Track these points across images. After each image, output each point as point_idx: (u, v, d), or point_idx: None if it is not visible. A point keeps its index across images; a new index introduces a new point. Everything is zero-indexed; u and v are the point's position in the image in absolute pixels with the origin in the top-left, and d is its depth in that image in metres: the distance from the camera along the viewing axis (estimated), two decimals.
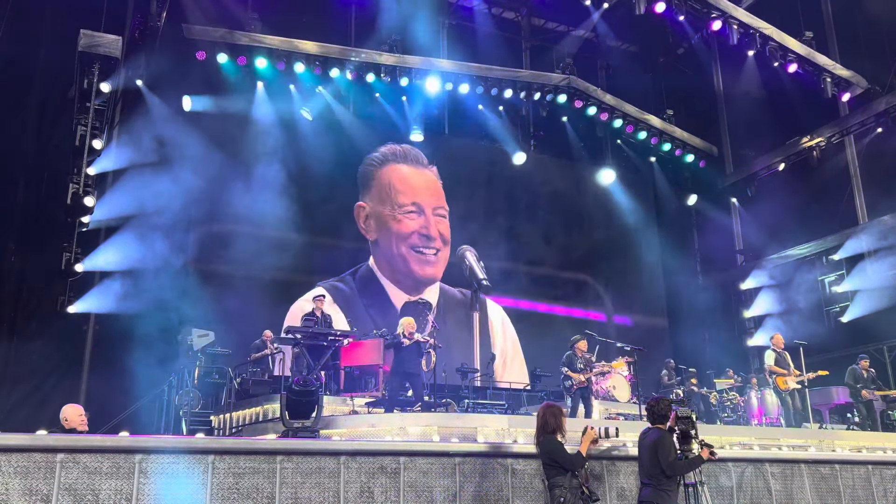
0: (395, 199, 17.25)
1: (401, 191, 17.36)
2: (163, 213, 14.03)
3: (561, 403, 12.62)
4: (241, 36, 15.43)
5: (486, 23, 19.36)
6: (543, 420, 6.67)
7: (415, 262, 17.10)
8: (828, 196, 17.79)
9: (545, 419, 6.67)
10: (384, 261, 17.10)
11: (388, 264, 17.07)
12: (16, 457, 6.01)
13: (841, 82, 17.44)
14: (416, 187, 17.57)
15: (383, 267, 17.08)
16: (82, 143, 12.64)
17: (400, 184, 17.43)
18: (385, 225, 17.13)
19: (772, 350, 13.21)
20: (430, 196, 17.66)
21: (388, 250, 17.09)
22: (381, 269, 17.07)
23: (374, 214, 17.14)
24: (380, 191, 17.29)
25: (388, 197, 17.26)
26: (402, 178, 17.52)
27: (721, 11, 16.33)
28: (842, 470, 9.41)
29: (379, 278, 16.99)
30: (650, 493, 6.35)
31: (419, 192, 17.53)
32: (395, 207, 17.19)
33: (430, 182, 17.83)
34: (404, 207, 17.22)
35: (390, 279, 17.04)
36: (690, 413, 6.72)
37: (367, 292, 16.70)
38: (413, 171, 17.71)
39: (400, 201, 17.25)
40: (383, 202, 17.22)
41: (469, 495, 7.36)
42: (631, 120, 19.35)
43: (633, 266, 20.42)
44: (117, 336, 13.09)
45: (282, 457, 6.84)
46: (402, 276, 17.10)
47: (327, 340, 10.43)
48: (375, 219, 17.13)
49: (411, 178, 17.59)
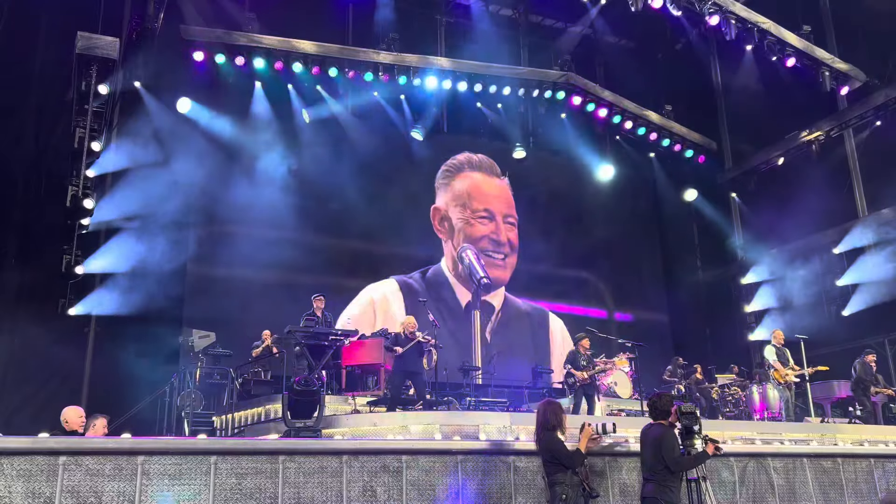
0: (470, 204, 18.30)
1: (475, 197, 18.47)
2: (162, 215, 14.03)
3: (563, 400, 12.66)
4: (239, 36, 15.42)
5: (483, 20, 19.32)
6: (544, 417, 6.67)
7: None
8: (827, 190, 17.77)
9: (545, 416, 6.67)
10: (454, 262, 17.89)
11: (458, 266, 17.89)
12: (18, 460, 6.02)
13: (839, 76, 17.43)
14: (489, 195, 18.65)
15: (454, 268, 17.89)
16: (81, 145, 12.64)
17: (475, 191, 18.53)
18: (458, 228, 18.05)
19: (772, 346, 13.23)
20: (502, 204, 18.73)
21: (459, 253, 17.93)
22: (452, 270, 17.89)
23: (449, 218, 18.09)
24: (455, 196, 18.29)
25: (463, 202, 18.26)
26: (476, 185, 18.64)
27: (718, 6, 16.30)
28: (844, 463, 9.43)
29: (448, 278, 17.83)
30: (653, 488, 6.35)
31: (492, 200, 18.60)
32: (468, 212, 18.17)
33: (503, 191, 18.89)
34: (477, 213, 18.25)
35: (459, 280, 17.86)
36: (694, 409, 6.72)
37: (436, 289, 17.56)
38: (486, 180, 18.77)
39: (474, 207, 18.29)
40: (458, 207, 18.19)
41: (472, 493, 7.37)
42: (630, 116, 19.34)
43: (633, 262, 20.43)
44: (118, 338, 13.09)
45: (284, 457, 6.85)
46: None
47: (328, 340, 10.43)
48: (449, 221, 18.06)
49: (485, 187, 18.72)
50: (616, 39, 20.90)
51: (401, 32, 16.97)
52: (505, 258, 18.36)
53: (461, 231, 18.03)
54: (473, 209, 18.26)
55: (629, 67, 20.21)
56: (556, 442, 6.56)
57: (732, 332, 19.71)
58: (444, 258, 17.92)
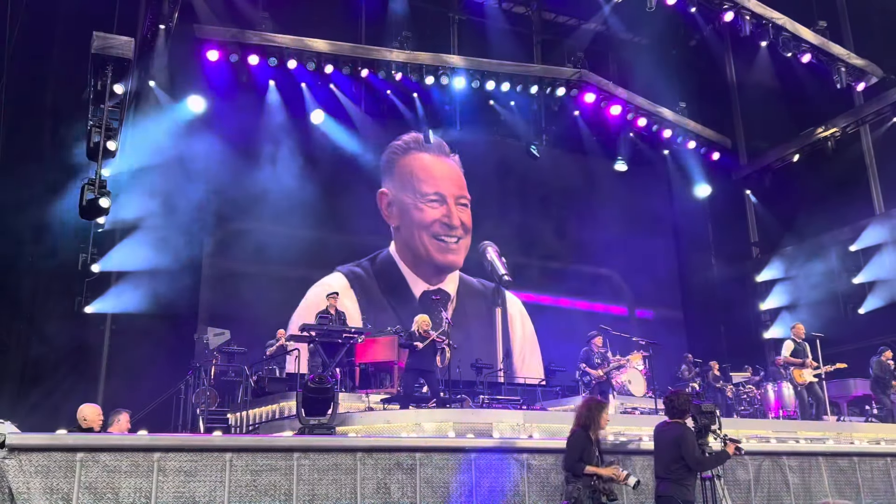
0: (418, 187, 17.55)
1: (423, 179, 17.65)
2: (177, 213, 14.14)
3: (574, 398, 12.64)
4: (253, 35, 15.47)
5: (496, 18, 19.31)
6: (579, 412, 6.66)
7: (436, 250, 17.33)
8: (843, 187, 17.62)
9: (580, 411, 6.66)
10: (405, 247, 17.34)
11: (410, 251, 17.32)
12: (36, 456, 6.09)
13: (855, 72, 17.24)
14: (437, 176, 17.83)
15: (404, 254, 17.32)
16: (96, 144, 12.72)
17: (422, 172, 17.72)
18: (407, 213, 17.40)
19: (791, 340, 13.04)
20: (452, 185, 17.92)
21: (410, 237, 17.33)
22: (402, 256, 17.31)
23: (397, 202, 17.39)
24: (402, 179, 17.55)
25: (411, 185, 17.55)
26: (424, 166, 17.77)
27: (733, 2, 16.18)
28: (860, 462, 9.36)
29: (399, 265, 17.23)
30: (669, 487, 6.31)
31: (441, 182, 17.80)
32: (417, 196, 17.47)
33: (452, 171, 18.08)
34: (427, 196, 17.51)
35: (410, 266, 17.27)
36: (714, 408, 6.70)
37: (386, 278, 16.95)
38: (435, 160, 17.94)
39: (423, 190, 17.54)
40: (405, 190, 17.49)
41: (485, 491, 7.38)
42: (643, 113, 19.24)
43: (647, 260, 20.34)
44: (134, 335, 13.22)
45: (299, 454, 6.88)
46: (423, 263, 17.33)
47: (342, 338, 10.47)
48: (398, 206, 17.38)
49: (433, 167, 17.85)
50: (630, 36, 20.81)
51: (413, 31, 16.97)
52: (458, 241, 17.58)
53: (410, 216, 17.31)
54: (422, 192, 17.45)
55: (643, 64, 20.10)
56: (577, 440, 6.48)
57: (747, 330, 19.59)
58: (393, 243, 17.33)
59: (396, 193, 17.40)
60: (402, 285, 17.01)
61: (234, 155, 15.57)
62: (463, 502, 7.29)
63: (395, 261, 17.21)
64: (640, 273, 19.99)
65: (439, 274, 17.41)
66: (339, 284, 15.82)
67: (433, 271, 17.38)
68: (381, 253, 17.17)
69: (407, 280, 17.14)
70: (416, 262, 17.29)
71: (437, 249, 17.27)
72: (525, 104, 18.87)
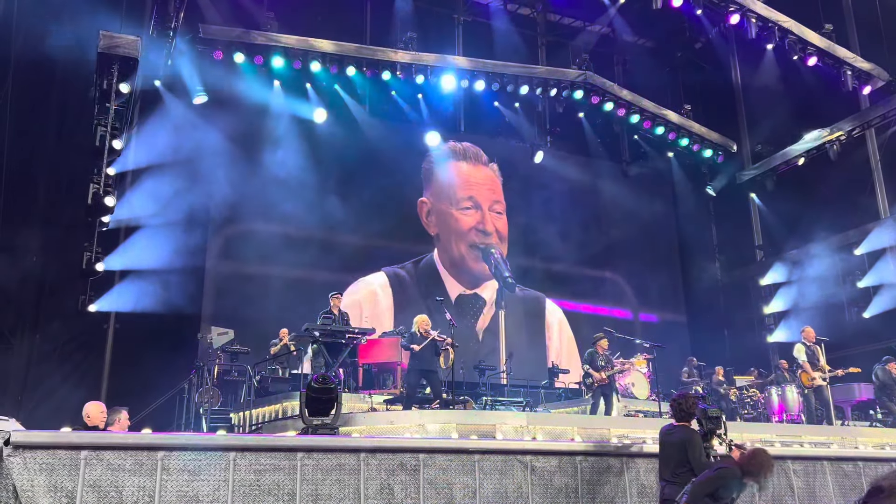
0: (454, 195, 17.92)
1: (459, 187, 18.02)
2: (182, 212, 14.15)
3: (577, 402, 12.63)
4: (258, 35, 15.48)
5: (501, 19, 19.31)
6: (749, 456, 5.97)
7: (471, 259, 17.71)
8: (848, 190, 17.57)
9: (751, 457, 5.94)
10: (445, 254, 17.77)
11: (449, 258, 17.74)
12: (41, 454, 6.08)
13: (861, 75, 17.21)
14: (473, 183, 18.19)
15: (444, 260, 17.77)
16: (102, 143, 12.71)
17: (459, 180, 18.12)
18: (445, 221, 17.82)
19: (802, 343, 12.96)
20: (488, 192, 18.25)
21: (448, 245, 17.74)
22: (443, 262, 17.75)
23: (436, 210, 17.84)
24: (439, 187, 17.95)
25: (448, 193, 17.92)
26: (460, 174, 18.18)
27: (739, 5, 16.16)
28: (865, 467, 9.32)
29: (439, 270, 17.66)
30: (674, 491, 6.28)
31: (476, 188, 18.14)
32: (452, 203, 17.83)
33: (489, 178, 18.43)
34: (462, 203, 17.87)
35: (450, 272, 17.70)
36: (720, 412, 6.68)
37: (426, 281, 17.37)
38: (471, 168, 18.32)
39: (458, 196, 17.90)
40: (443, 198, 17.88)
41: (489, 492, 7.36)
42: (648, 115, 19.21)
43: (651, 263, 20.31)
44: (138, 334, 13.22)
45: (302, 454, 6.87)
46: (462, 270, 17.72)
47: (345, 338, 10.46)
48: (437, 214, 17.83)
49: (470, 175, 18.27)
50: (635, 38, 20.80)
51: (418, 31, 16.98)
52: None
53: (447, 224, 17.74)
54: (457, 199, 17.89)
55: (648, 67, 20.11)
56: (731, 477, 5.84)
57: (751, 334, 19.55)
58: (436, 251, 17.71)
59: (435, 202, 17.86)
60: (439, 288, 17.38)
61: (239, 155, 15.57)
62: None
63: (436, 265, 17.71)
64: (643, 276, 19.97)
65: (477, 282, 17.76)
66: (379, 282, 16.61)
67: (471, 279, 17.75)
68: (425, 257, 17.69)
69: (445, 284, 17.57)
70: (455, 268, 17.72)
71: (473, 258, 17.62)
72: (529, 106, 18.88)
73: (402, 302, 16.61)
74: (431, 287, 17.20)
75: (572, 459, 7.81)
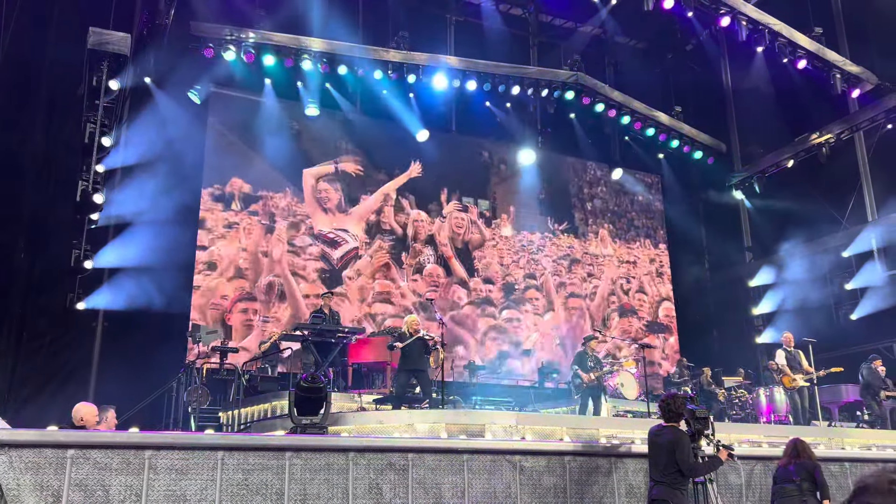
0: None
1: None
2: (171, 210, 14.07)
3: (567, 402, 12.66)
4: (249, 33, 15.42)
5: (493, 19, 19.31)
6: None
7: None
8: (837, 193, 17.68)
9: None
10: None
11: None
12: (27, 452, 6.04)
13: (851, 78, 17.32)
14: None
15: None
16: (91, 140, 12.67)
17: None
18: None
19: (782, 349, 13.13)
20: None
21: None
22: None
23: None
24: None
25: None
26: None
27: (730, 7, 16.23)
28: (851, 468, 9.38)
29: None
30: (662, 491, 6.31)
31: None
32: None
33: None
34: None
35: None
36: (708, 413, 6.70)
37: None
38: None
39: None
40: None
41: (477, 492, 7.36)
42: (639, 117, 19.25)
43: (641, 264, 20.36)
44: (126, 332, 13.14)
45: (290, 453, 6.85)
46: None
47: (335, 337, 10.44)
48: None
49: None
50: (626, 40, 20.86)
51: (410, 31, 16.94)
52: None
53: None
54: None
55: (639, 68, 20.17)
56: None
57: (740, 335, 19.63)
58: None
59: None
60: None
61: (229, 152, 15.52)
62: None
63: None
64: (633, 277, 20.02)
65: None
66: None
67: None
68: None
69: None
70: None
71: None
72: (521, 106, 18.89)
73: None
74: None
75: (561, 459, 7.82)
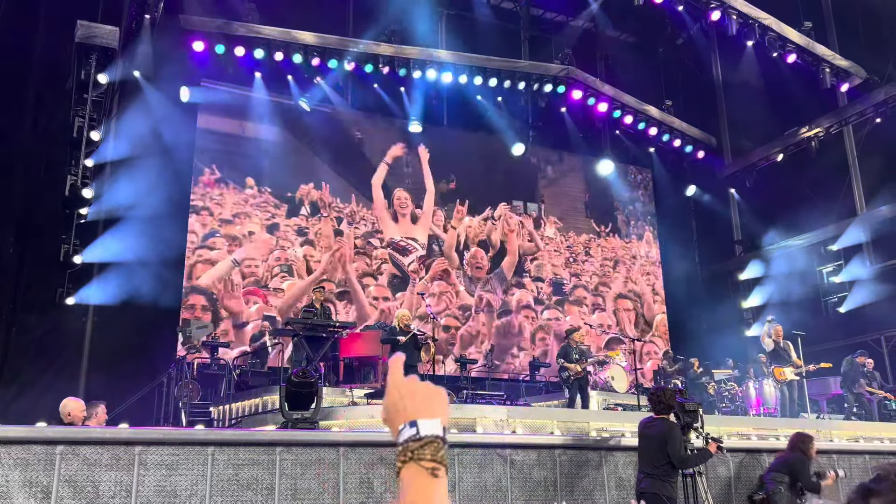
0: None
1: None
2: (161, 204, 14.01)
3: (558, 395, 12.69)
4: (239, 27, 15.35)
5: (484, 13, 19.27)
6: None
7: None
8: (826, 186, 17.79)
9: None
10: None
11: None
12: (15, 449, 6.02)
13: (840, 73, 17.40)
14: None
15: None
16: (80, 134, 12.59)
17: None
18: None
19: (771, 340, 13.20)
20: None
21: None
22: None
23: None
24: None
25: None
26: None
27: (720, 1, 16.27)
28: (839, 459, 9.46)
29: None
30: (651, 483, 6.35)
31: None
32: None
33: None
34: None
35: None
36: (697, 406, 6.75)
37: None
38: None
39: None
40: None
41: (468, 486, 7.38)
42: (630, 110, 19.29)
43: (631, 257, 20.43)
44: (116, 327, 13.09)
45: (281, 448, 6.85)
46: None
47: (326, 332, 10.44)
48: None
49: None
50: (617, 34, 20.86)
51: (401, 24, 16.90)
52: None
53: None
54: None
55: (630, 62, 20.17)
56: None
57: (730, 328, 19.72)
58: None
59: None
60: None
61: (219, 146, 15.46)
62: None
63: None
64: (623, 270, 20.08)
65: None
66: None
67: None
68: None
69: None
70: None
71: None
72: (512, 100, 18.87)
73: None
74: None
75: (551, 453, 7.86)
